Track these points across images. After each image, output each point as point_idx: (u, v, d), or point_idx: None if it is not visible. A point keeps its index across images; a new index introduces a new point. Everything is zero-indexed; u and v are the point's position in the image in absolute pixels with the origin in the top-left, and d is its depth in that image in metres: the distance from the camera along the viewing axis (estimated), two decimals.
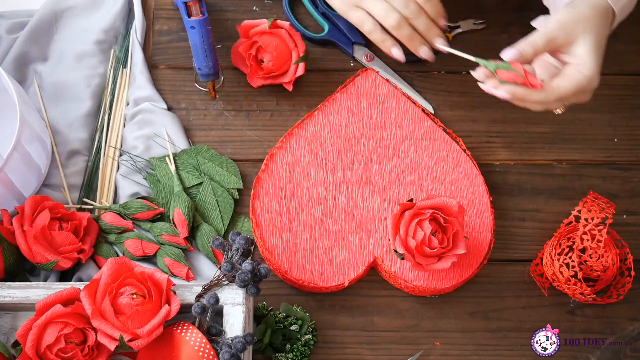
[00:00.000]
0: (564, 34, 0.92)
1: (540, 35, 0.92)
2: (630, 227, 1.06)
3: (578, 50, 0.92)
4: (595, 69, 0.92)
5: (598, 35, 0.93)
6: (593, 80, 0.92)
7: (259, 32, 1.06)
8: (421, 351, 1.00)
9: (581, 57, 0.92)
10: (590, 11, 0.94)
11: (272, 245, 1.01)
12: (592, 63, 0.92)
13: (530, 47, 0.92)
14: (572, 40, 0.92)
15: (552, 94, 0.92)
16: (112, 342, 0.85)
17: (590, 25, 0.93)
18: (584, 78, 0.92)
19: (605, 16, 0.95)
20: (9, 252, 0.96)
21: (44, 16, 1.11)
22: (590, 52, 0.92)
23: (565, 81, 0.92)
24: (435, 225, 0.95)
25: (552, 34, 0.92)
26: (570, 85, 0.92)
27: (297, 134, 1.06)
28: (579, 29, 0.92)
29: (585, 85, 0.92)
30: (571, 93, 0.92)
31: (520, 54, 0.92)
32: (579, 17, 0.93)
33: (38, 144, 1.01)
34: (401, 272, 1.00)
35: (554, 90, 0.92)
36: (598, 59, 0.93)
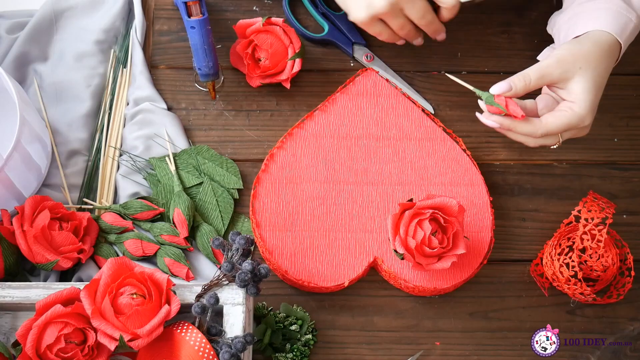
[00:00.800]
0: (559, 70, 0.92)
1: (534, 69, 0.92)
2: (630, 227, 1.06)
3: (574, 87, 0.92)
4: (588, 108, 0.92)
5: (597, 73, 0.92)
6: (585, 119, 0.92)
7: (254, 31, 1.06)
8: (421, 351, 1.00)
9: (575, 94, 0.92)
10: (593, 48, 0.93)
11: (272, 245, 1.01)
12: (585, 102, 0.91)
13: (522, 81, 0.92)
14: (569, 77, 0.92)
15: (540, 129, 0.92)
16: (112, 342, 0.85)
17: (589, 62, 0.92)
18: (574, 116, 0.92)
19: (609, 52, 0.94)
20: (9, 252, 0.96)
21: (44, 16, 1.11)
22: (585, 91, 0.91)
23: (554, 118, 0.92)
24: (435, 225, 0.95)
25: (547, 70, 0.92)
26: (559, 122, 0.92)
27: (297, 134, 1.06)
28: (576, 66, 0.92)
29: (576, 123, 0.92)
30: (560, 129, 0.92)
31: (509, 88, 0.92)
32: (579, 53, 0.92)
33: (38, 144, 1.01)
34: (401, 272, 1.00)
35: (541, 125, 0.92)
36: (593, 98, 0.92)
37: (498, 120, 0.94)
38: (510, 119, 0.93)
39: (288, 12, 1.13)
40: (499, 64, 1.13)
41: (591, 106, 0.92)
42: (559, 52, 0.93)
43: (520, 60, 1.13)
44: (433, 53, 1.12)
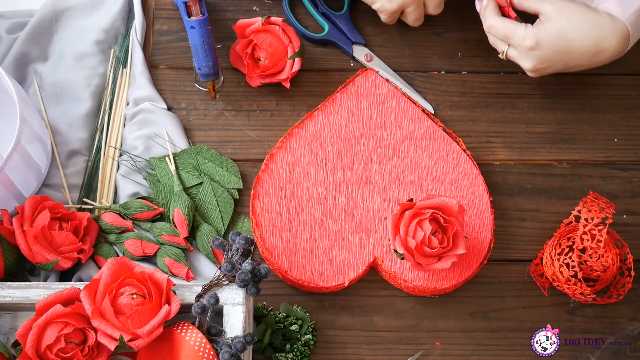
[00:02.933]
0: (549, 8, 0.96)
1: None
2: (630, 227, 1.06)
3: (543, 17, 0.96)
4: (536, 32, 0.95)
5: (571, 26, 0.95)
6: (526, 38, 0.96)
7: (254, 31, 1.06)
8: (421, 351, 1.00)
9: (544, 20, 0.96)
10: (587, 10, 0.96)
11: (272, 245, 1.01)
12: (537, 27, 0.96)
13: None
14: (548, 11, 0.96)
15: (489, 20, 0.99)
16: (112, 342, 0.85)
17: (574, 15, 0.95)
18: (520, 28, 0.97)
19: (600, 30, 0.95)
20: (9, 252, 0.96)
21: (44, 16, 1.11)
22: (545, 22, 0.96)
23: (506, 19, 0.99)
24: (435, 225, 0.95)
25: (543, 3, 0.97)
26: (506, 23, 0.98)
27: (297, 134, 1.06)
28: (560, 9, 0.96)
29: (517, 36, 0.97)
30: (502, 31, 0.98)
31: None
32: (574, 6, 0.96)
33: (38, 144, 1.01)
34: (401, 272, 1.00)
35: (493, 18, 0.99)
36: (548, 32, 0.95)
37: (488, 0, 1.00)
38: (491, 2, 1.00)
39: (288, 12, 1.13)
40: (499, 64, 1.12)
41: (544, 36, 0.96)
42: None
43: None
44: (433, 53, 1.12)
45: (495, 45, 1.02)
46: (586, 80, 1.12)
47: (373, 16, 1.13)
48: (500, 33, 0.99)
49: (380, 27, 1.13)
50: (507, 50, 1.00)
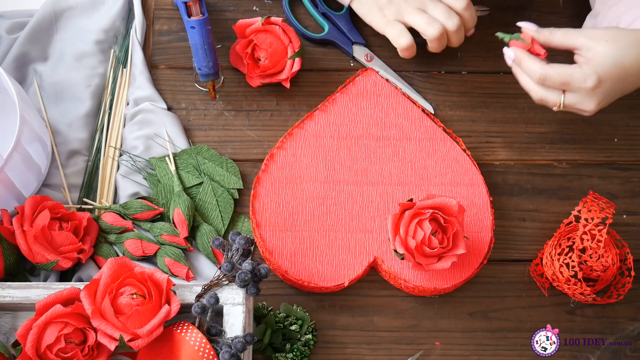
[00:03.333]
0: (585, 37, 0.90)
1: (563, 30, 0.92)
2: (630, 227, 1.06)
3: (590, 52, 0.89)
4: (594, 69, 0.88)
5: (623, 52, 0.88)
6: (587, 79, 0.89)
7: (254, 31, 1.06)
8: (421, 351, 1.00)
9: (589, 57, 0.89)
10: (630, 33, 0.90)
11: (272, 245, 1.01)
12: (594, 63, 0.88)
13: (547, 32, 0.92)
14: (592, 45, 0.89)
15: (539, 70, 0.91)
16: (112, 342, 0.85)
17: (618, 40, 0.89)
18: (577, 71, 0.89)
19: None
20: (9, 252, 0.96)
21: (44, 16, 1.11)
22: (599, 55, 0.88)
23: (558, 66, 0.91)
24: (435, 225, 0.95)
25: (573, 33, 0.91)
26: (561, 70, 0.90)
27: (297, 134, 1.06)
28: (603, 39, 0.89)
29: (577, 79, 0.89)
30: (560, 79, 0.90)
31: (536, 29, 0.93)
32: (612, 31, 0.90)
33: (38, 144, 1.01)
34: (401, 272, 1.00)
35: (543, 67, 0.91)
36: (606, 65, 0.88)
37: (516, 51, 0.94)
38: (524, 52, 0.94)
39: (288, 12, 1.13)
40: (499, 64, 1.12)
41: (601, 71, 0.89)
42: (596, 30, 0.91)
43: None
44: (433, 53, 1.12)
45: (546, 99, 0.93)
46: None
47: None
48: (556, 81, 0.90)
49: None
50: (564, 98, 0.92)
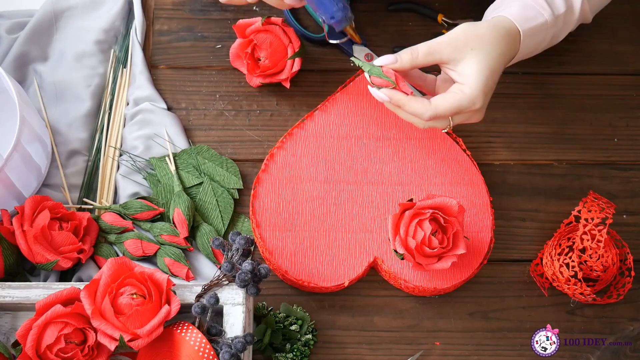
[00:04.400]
0: (450, 49, 0.89)
1: (423, 45, 0.90)
2: (630, 227, 1.06)
3: (464, 69, 0.89)
4: (478, 89, 0.88)
5: (491, 56, 0.89)
6: (475, 101, 0.88)
7: (254, 31, 1.06)
8: (421, 351, 1.00)
9: (466, 76, 0.88)
10: (488, 30, 0.90)
11: (272, 245, 1.01)
12: (476, 83, 0.88)
13: (409, 55, 0.90)
14: (459, 57, 0.89)
15: (428, 111, 0.88)
16: (112, 342, 0.85)
17: (483, 43, 0.89)
18: (464, 98, 0.88)
19: (506, 37, 0.91)
20: (9, 252, 0.96)
21: (44, 16, 1.11)
22: (476, 72, 0.88)
23: (443, 100, 0.89)
24: (435, 225, 0.95)
25: (436, 47, 0.89)
26: (448, 104, 0.88)
27: (297, 134, 1.06)
28: (468, 47, 0.89)
29: (466, 106, 0.89)
30: (449, 112, 0.89)
31: (395, 60, 0.90)
32: (473, 34, 0.89)
33: (38, 144, 1.01)
34: (401, 272, 1.00)
35: (430, 107, 0.89)
36: (484, 80, 0.88)
37: (389, 93, 0.90)
38: (402, 94, 0.90)
39: (288, 13, 1.13)
40: None
41: (483, 88, 0.88)
42: (453, 32, 0.90)
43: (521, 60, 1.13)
44: None
45: (434, 126, 0.92)
46: (586, 80, 1.12)
47: (373, 16, 1.13)
48: (447, 114, 0.90)
49: (380, 27, 1.13)
50: (453, 121, 0.91)
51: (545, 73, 1.12)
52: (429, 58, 0.90)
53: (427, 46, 0.90)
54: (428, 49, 0.90)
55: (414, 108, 0.89)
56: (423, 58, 0.90)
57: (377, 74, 0.90)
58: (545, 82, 1.12)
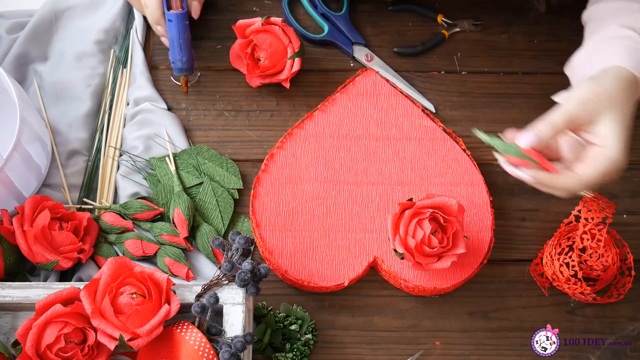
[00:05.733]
0: (585, 112, 0.85)
1: (560, 114, 0.86)
2: (630, 227, 1.05)
3: (602, 130, 0.85)
4: (621, 150, 0.85)
5: (623, 112, 0.86)
6: (619, 162, 0.85)
7: (254, 31, 1.06)
8: (421, 351, 1.00)
9: (605, 137, 0.85)
10: (613, 85, 0.87)
11: (272, 245, 1.01)
12: (617, 144, 0.85)
13: (550, 129, 0.85)
14: (595, 118, 0.85)
15: (578, 182, 0.86)
16: (112, 341, 0.85)
17: (614, 101, 0.86)
18: (609, 161, 0.85)
19: (630, 88, 0.88)
20: (9, 252, 0.96)
21: (44, 16, 1.11)
22: (615, 132, 0.85)
23: (590, 167, 0.85)
24: (435, 224, 0.95)
25: (573, 113, 0.85)
26: (596, 170, 0.85)
27: (297, 134, 1.06)
28: (601, 107, 0.85)
29: (612, 169, 0.85)
30: (599, 179, 0.85)
31: (539, 139, 0.85)
32: (602, 93, 0.86)
33: (38, 144, 1.01)
34: (401, 272, 1.00)
35: (579, 177, 0.86)
36: (624, 139, 0.85)
37: (535, 175, 0.87)
38: (547, 173, 0.86)
39: (287, 13, 1.13)
40: (499, 64, 1.13)
41: (624, 148, 0.85)
42: (581, 93, 0.86)
43: (520, 60, 1.13)
44: (433, 53, 1.12)
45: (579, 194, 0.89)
46: None
47: (373, 16, 1.13)
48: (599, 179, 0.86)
49: (380, 27, 1.14)
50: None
51: (545, 73, 1.12)
52: (569, 125, 0.86)
53: (565, 114, 0.86)
54: (567, 116, 0.86)
55: (563, 184, 0.86)
56: (563, 127, 0.86)
57: (516, 153, 0.86)
58: (545, 82, 1.12)
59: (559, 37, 1.14)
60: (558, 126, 0.86)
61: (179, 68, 1.06)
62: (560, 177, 0.86)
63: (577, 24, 1.08)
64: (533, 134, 0.86)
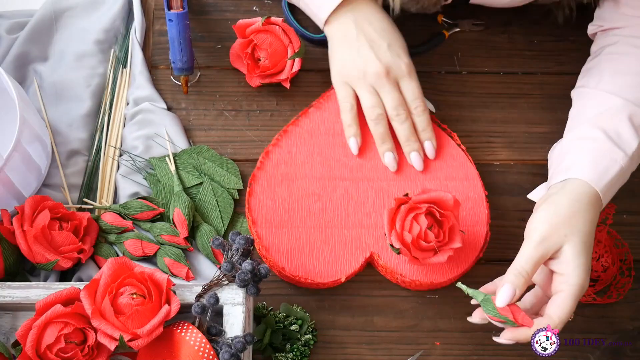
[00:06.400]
0: (547, 249, 0.87)
1: (526, 261, 0.87)
2: (630, 227, 1.05)
3: (563, 257, 0.87)
4: (583, 272, 0.86)
5: (583, 233, 0.88)
6: (584, 285, 0.86)
7: (254, 31, 1.06)
8: (421, 351, 1.00)
9: (565, 264, 0.87)
10: (572, 207, 0.89)
11: (268, 242, 1.01)
12: (578, 268, 0.86)
13: (521, 279, 0.87)
14: (558, 248, 0.87)
15: (557, 325, 0.87)
16: (112, 342, 0.85)
17: (573, 225, 0.88)
18: (575, 289, 0.86)
19: (590, 205, 0.90)
20: (9, 252, 0.96)
21: (44, 16, 1.12)
22: (575, 258, 0.86)
23: (560, 307, 0.86)
24: (431, 219, 0.95)
25: (538, 255, 0.87)
26: (567, 307, 0.86)
27: (292, 131, 1.06)
28: (561, 234, 0.87)
29: (580, 293, 0.86)
30: (572, 311, 0.87)
31: (513, 293, 0.87)
32: (559, 220, 0.88)
33: (38, 144, 1.01)
34: (397, 267, 1.00)
35: (556, 321, 0.87)
36: (585, 260, 0.87)
37: (513, 336, 0.89)
38: (525, 329, 0.88)
39: (287, 13, 1.13)
40: (499, 64, 1.13)
41: (585, 268, 0.87)
42: (538, 229, 0.88)
43: (520, 60, 1.13)
44: (433, 53, 1.12)
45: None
46: None
47: None
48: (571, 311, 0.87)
49: None
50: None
51: (545, 73, 1.12)
52: (537, 267, 0.87)
53: (530, 260, 0.87)
54: (533, 261, 0.87)
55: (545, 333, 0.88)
56: (534, 272, 0.87)
57: (492, 312, 0.88)
58: (545, 82, 1.12)
59: (559, 37, 1.14)
60: (529, 274, 0.87)
61: (179, 68, 1.07)
62: (536, 328, 0.87)
63: (577, 24, 1.08)
64: (509, 289, 0.86)
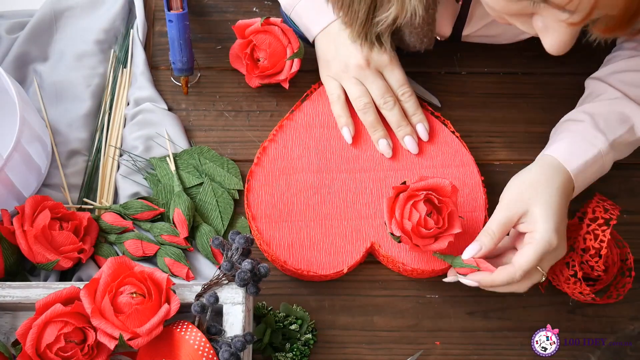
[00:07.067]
0: (514, 211, 0.92)
1: (495, 223, 0.93)
2: (631, 227, 1.05)
3: (530, 217, 0.92)
4: (549, 229, 0.90)
5: (547, 193, 0.92)
6: (551, 241, 0.90)
7: (253, 31, 1.06)
8: (421, 351, 1.00)
9: (533, 223, 0.91)
10: (537, 173, 0.94)
11: (269, 236, 1.01)
12: (544, 224, 0.90)
13: (489, 238, 0.93)
14: (524, 211, 0.92)
15: (517, 272, 0.90)
16: (112, 341, 0.85)
17: (537, 188, 0.93)
18: (539, 243, 0.90)
19: (554, 172, 0.94)
20: (9, 252, 0.96)
21: (44, 16, 1.12)
22: (540, 216, 0.91)
23: (523, 255, 0.91)
24: (429, 206, 0.95)
25: (505, 216, 0.93)
26: (529, 256, 0.90)
27: (287, 126, 1.07)
28: (526, 198, 0.92)
29: (545, 249, 0.90)
30: (534, 262, 0.90)
31: (479, 247, 0.93)
32: (525, 186, 0.93)
33: (38, 144, 1.01)
34: (399, 256, 1.00)
35: (516, 268, 0.91)
36: (551, 219, 0.91)
37: (476, 278, 0.93)
38: (487, 274, 0.92)
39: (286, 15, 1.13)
40: (499, 64, 1.13)
41: (552, 226, 0.91)
42: (508, 194, 0.94)
43: (521, 60, 1.13)
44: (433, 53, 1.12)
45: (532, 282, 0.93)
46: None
47: None
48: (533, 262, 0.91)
49: None
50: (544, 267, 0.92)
51: (545, 73, 1.13)
52: (505, 229, 0.93)
53: (498, 222, 0.93)
54: (500, 223, 0.93)
55: (502, 277, 0.91)
56: (500, 234, 0.93)
57: (459, 265, 0.95)
58: (545, 82, 1.12)
59: None
60: (496, 234, 0.93)
61: (179, 68, 1.07)
62: (500, 272, 0.92)
63: None
64: (475, 244, 0.93)
